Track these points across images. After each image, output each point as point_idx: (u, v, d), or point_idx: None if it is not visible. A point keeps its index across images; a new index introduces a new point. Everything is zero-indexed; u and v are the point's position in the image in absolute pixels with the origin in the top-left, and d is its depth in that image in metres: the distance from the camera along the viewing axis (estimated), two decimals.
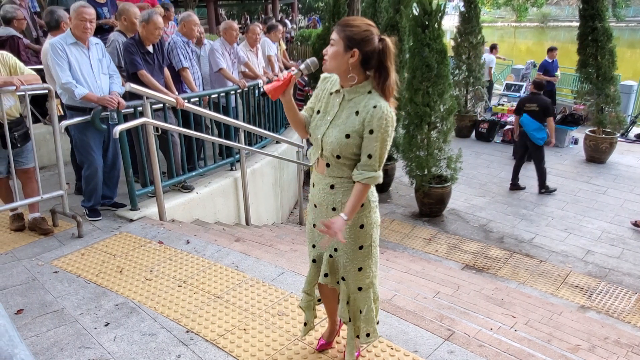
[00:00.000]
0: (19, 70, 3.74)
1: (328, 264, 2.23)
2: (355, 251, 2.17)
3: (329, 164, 2.09)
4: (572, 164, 9.00)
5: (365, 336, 2.27)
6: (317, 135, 2.09)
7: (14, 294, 3.10)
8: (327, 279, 2.25)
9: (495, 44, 13.08)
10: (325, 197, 2.15)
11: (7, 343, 0.96)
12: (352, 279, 2.21)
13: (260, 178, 5.81)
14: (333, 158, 2.05)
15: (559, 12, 45.96)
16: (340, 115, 2.05)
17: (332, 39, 1.97)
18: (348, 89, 2.03)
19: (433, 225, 6.71)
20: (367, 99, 2.00)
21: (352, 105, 2.03)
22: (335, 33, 1.97)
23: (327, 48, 1.99)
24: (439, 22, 6.42)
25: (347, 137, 2.00)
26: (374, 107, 1.96)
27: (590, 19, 8.99)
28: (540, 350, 2.85)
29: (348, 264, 2.19)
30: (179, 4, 18.28)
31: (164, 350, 2.56)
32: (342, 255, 2.19)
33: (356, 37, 1.92)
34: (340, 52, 1.95)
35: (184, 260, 3.54)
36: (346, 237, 2.13)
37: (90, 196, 4.22)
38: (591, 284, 5.16)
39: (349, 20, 1.97)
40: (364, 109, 1.98)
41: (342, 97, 2.06)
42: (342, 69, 1.98)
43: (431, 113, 6.53)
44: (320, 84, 2.19)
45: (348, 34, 1.93)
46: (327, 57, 1.98)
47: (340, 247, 2.19)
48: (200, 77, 5.58)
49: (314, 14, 29.96)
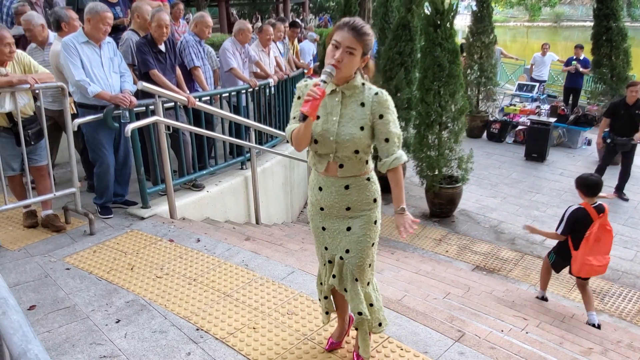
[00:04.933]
0: (33, 68, 3.79)
1: (338, 267, 2.23)
2: (369, 248, 2.20)
3: (343, 164, 2.10)
4: (585, 165, 8.90)
5: (377, 326, 2.29)
6: (328, 137, 2.07)
7: (26, 290, 3.14)
8: (334, 281, 2.25)
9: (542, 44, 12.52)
10: (339, 198, 2.16)
11: (22, 338, 0.98)
12: (362, 276, 2.22)
13: (270, 177, 5.82)
14: (351, 155, 2.07)
15: (573, 11, 45.53)
16: (345, 113, 2.08)
17: (351, 47, 1.96)
18: (346, 86, 2.08)
19: (443, 225, 6.67)
20: (365, 89, 2.09)
21: (354, 100, 2.08)
22: (355, 41, 1.96)
23: (342, 55, 1.96)
24: (451, 21, 6.38)
25: (362, 130, 2.06)
26: (375, 94, 2.07)
27: (604, 18, 8.90)
28: (552, 353, 2.83)
29: (361, 263, 2.19)
30: (190, 4, 18.37)
31: (174, 348, 2.57)
32: (355, 257, 2.19)
33: (370, 44, 2.01)
34: (358, 60, 2.01)
35: (194, 259, 3.56)
36: (360, 236, 2.17)
37: (102, 194, 4.25)
38: (604, 287, 5.10)
39: (365, 28, 1.99)
40: (367, 98, 2.07)
41: (341, 95, 2.09)
42: (350, 73, 2.04)
43: (442, 113, 6.49)
44: (300, 93, 2.13)
45: (367, 43, 2.00)
46: (343, 64, 1.97)
47: (352, 248, 2.18)
48: (211, 76, 5.61)
49: (325, 13, 29.97)
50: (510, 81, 14.63)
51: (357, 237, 2.18)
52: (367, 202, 2.18)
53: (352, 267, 2.20)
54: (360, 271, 2.21)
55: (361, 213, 2.18)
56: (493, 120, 10.53)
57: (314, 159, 2.18)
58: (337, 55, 1.97)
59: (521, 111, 10.52)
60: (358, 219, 2.18)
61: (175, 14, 6.87)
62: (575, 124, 9.72)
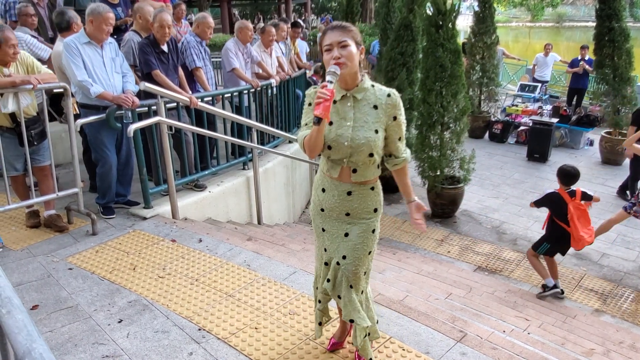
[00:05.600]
0: (36, 69, 3.80)
1: (334, 272, 2.23)
2: (365, 256, 2.21)
3: (356, 169, 2.11)
4: (588, 166, 8.89)
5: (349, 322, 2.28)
6: (342, 142, 2.06)
7: (29, 289, 3.15)
8: (328, 285, 2.25)
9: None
10: (340, 202, 2.17)
11: (26, 337, 0.98)
12: (357, 284, 2.22)
13: (272, 177, 5.83)
14: (365, 159, 2.08)
15: (575, 12, 45.44)
16: (358, 117, 2.08)
17: (342, 41, 1.98)
18: (356, 90, 2.09)
19: (445, 226, 6.67)
20: (376, 91, 2.11)
21: (366, 103, 2.09)
22: (343, 34, 2.00)
23: (339, 51, 1.98)
24: (453, 22, 6.37)
25: (377, 132, 2.07)
26: (388, 96, 2.10)
27: (607, 19, 8.87)
28: (554, 354, 2.83)
29: (357, 270, 2.19)
30: (193, 4, 18.40)
31: (177, 348, 2.57)
32: (351, 263, 2.19)
33: (358, 35, 2.05)
34: (355, 51, 2.01)
35: (196, 259, 3.57)
36: (358, 243, 2.17)
37: (105, 194, 4.26)
38: (606, 288, 5.09)
39: (345, 24, 2.06)
40: (380, 100, 2.09)
41: (353, 99, 2.09)
42: (355, 68, 2.04)
43: (444, 113, 6.49)
44: (311, 99, 2.14)
45: (354, 34, 2.03)
46: (345, 58, 1.98)
47: (349, 255, 2.18)
48: (213, 76, 5.61)
49: (327, 14, 29.98)
50: (513, 82, 14.61)
51: (354, 244, 2.18)
52: (368, 211, 2.18)
53: (347, 273, 2.20)
54: (355, 278, 2.21)
55: (360, 221, 2.18)
56: (495, 121, 10.52)
57: (327, 165, 2.17)
58: (334, 54, 1.99)
59: (523, 112, 10.51)
60: (356, 226, 2.18)
61: (178, 14, 6.88)
62: (577, 125, 9.70)
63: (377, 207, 2.21)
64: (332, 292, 2.28)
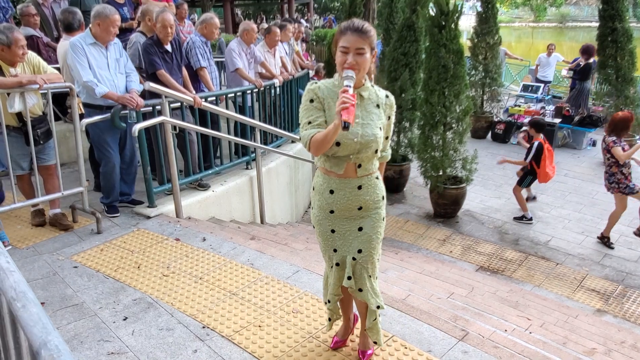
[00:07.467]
0: (42, 69, 3.84)
1: (352, 267, 2.25)
2: (378, 244, 2.27)
3: (361, 164, 2.16)
4: (590, 166, 8.89)
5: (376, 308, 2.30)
6: (352, 139, 2.08)
7: (35, 287, 3.17)
8: (350, 282, 2.26)
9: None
10: (353, 199, 2.20)
11: (42, 330, 1.02)
12: (374, 271, 2.29)
13: (275, 177, 5.85)
14: (370, 154, 2.15)
15: (578, 12, 45.35)
16: (365, 114, 2.13)
17: (360, 48, 2.01)
18: (362, 88, 2.13)
19: (447, 226, 6.68)
20: (375, 91, 2.20)
21: (369, 102, 2.16)
22: (361, 41, 2.01)
23: (354, 57, 2.00)
24: (455, 22, 6.38)
25: (380, 130, 2.15)
26: (386, 97, 2.22)
27: (610, 19, 8.88)
28: (556, 353, 2.84)
29: (373, 259, 2.25)
30: (195, 4, 18.43)
31: (181, 345, 2.60)
32: (368, 254, 2.23)
33: (374, 40, 2.08)
34: (369, 57, 2.06)
35: (200, 257, 3.59)
36: (372, 235, 2.23)
37: (109, 193, 4.29)
38: (608, 288, 5.10)
39: (365, 26, 2.05)
40: (381, 100, 2.19)
41: (359, 97, 2.12)
42: (365, 72, 2.10)
43: (447, 114, 6.51)
44: (314, 95, 2.13)
45: (372, 39, 2.05)
46: (359, 66, 2.02)
47: (365, 247, 2.22)
48: (217, 76, 5.64)
49: (329, 14, 29.99)
50: (515, 82, 14.60)
51: (368, 236, 2.23)
52: (377, 200, 2.25)
53: (365, 265, 2.24)
54: (372, 267, 2.27)
55: (371, 212, 2.24)
56: (497, 121, 10.53)
57: (329, 162, 2.17)
58: (349, 59, 2.01)
59: (526, 112, 10.50)
60: (369, 218, 2.23)
61: (181, 14, 6.92)
62: (580, 125, 9.70)
63: (384, 194, 2.30)
64: (355, 285, 2.28)
